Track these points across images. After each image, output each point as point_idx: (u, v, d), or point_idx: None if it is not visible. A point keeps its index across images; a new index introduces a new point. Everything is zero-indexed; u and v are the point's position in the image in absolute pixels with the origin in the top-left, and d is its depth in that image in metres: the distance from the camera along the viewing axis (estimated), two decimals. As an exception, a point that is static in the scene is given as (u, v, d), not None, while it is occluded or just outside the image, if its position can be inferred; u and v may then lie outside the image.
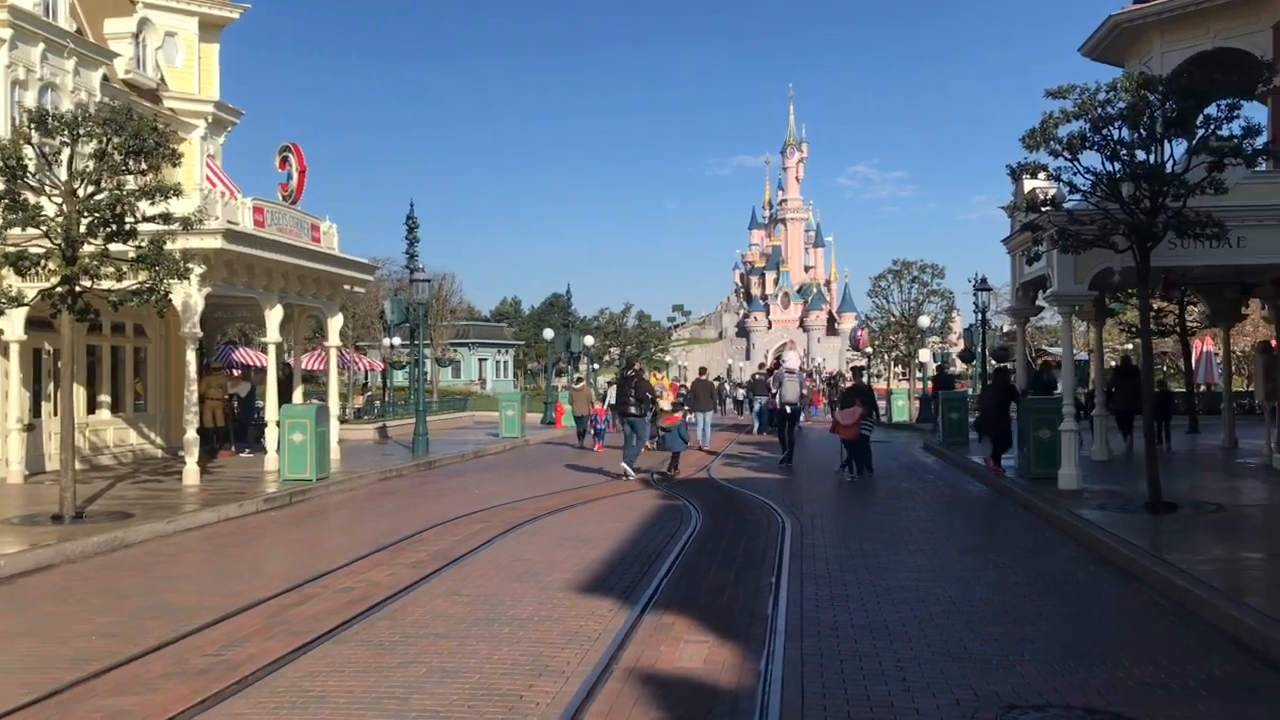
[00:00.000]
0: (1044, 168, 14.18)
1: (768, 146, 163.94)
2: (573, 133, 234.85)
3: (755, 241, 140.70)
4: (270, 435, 20.38)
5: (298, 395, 24.91)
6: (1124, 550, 11.00)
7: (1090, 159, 14.31)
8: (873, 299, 46.50)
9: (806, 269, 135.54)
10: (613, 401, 33.85)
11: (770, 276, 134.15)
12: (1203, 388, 42.63)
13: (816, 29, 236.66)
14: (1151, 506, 13.68)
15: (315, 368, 36.75)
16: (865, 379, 22.67)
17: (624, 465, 20.02)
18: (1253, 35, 18.44)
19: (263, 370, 25.68)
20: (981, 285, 31.05)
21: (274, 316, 20.76)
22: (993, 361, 34.65)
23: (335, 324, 24.25)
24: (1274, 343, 20.18)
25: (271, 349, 21.08)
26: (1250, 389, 49.25)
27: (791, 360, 24.81)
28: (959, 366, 60.05)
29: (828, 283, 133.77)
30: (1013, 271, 19.76)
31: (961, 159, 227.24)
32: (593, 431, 29.05)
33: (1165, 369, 51.87)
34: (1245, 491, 16.08)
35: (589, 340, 48.12)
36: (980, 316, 31.60)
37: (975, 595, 9.58)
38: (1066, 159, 13.94)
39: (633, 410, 20.69)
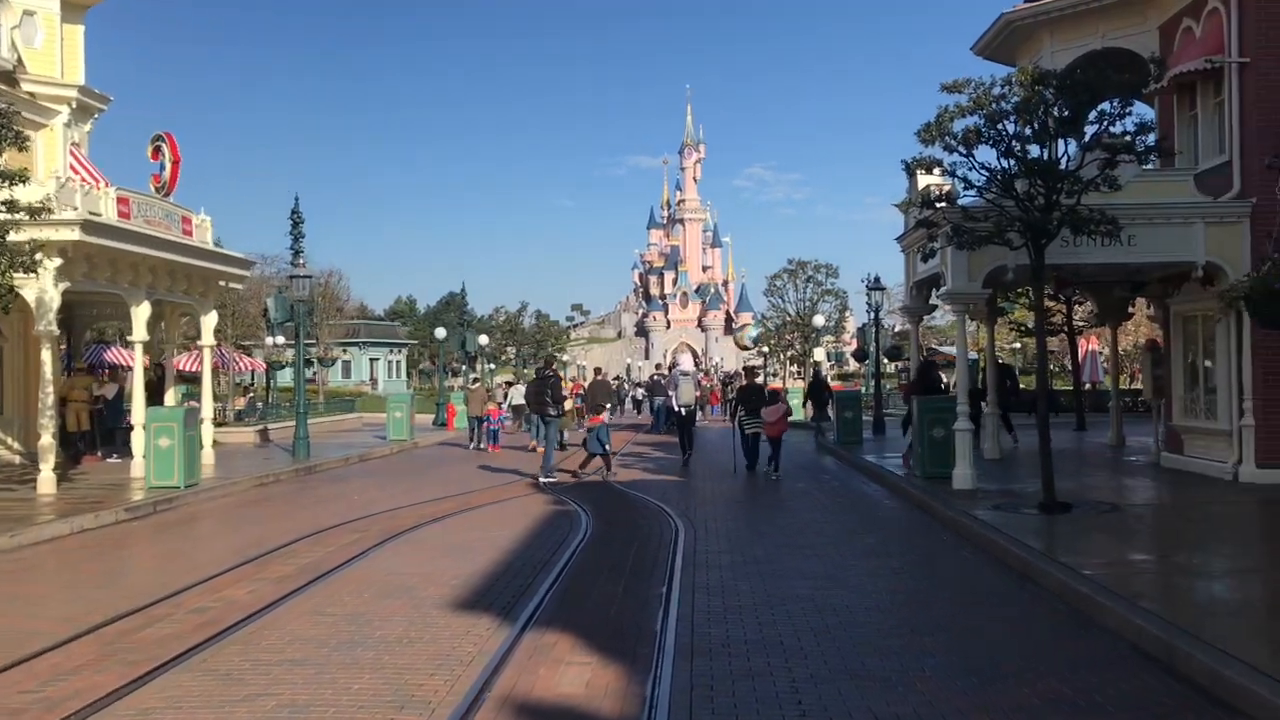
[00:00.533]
0: (939, 163, 13.93)
1: (665, 147, 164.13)
2: (470, 129, 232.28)
3: (654, 241, 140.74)
4: (136, 440, 19.19)
5: (171, 397, 23.66)
6: (1021, 553, 10.73)
7: (986, 155, 14.13)
8: (769, 298, 46.57)
9: (704, 269, 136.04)
10: (516, 402, 33.96)
11: (669, 276, 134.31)
12: (1088, 386, 43.56)
13: (714, 30, 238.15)
14: (1046, 507, 13.52)
15: (193, 368, 35.14)
16: (760, 379, 22.64)
17: (543, 468, 19.66)
18: (1140, 36, 18.54)
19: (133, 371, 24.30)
20: (874, 285, 31.06)
21: (141, 314, 19.57)
22: (886, 360, 34.77)
23: (209, 322, 23.04)
24: (1159, 342, 20.39)
25: (138, 348, 19.87)
26: (1134, 387, 50.64)
27: (685, 362, 25.22)
28: (852, 364, 60.68)
29: (725, 283, 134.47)
30: (907, 270, 19.60)
31: (855, 161, 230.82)
32: (486, 433, 28.60)
33: (1051, 368, 52.99)
34: (1136, 490, 16.09)
35: (483, 339, 47.14)
36: (873, 316, 31.61)
37: (873, 603, 9.17)
38: (961, 154, 13.72)
39: (551, 411, 20.40)
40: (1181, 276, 17.34)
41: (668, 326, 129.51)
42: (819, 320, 40.60)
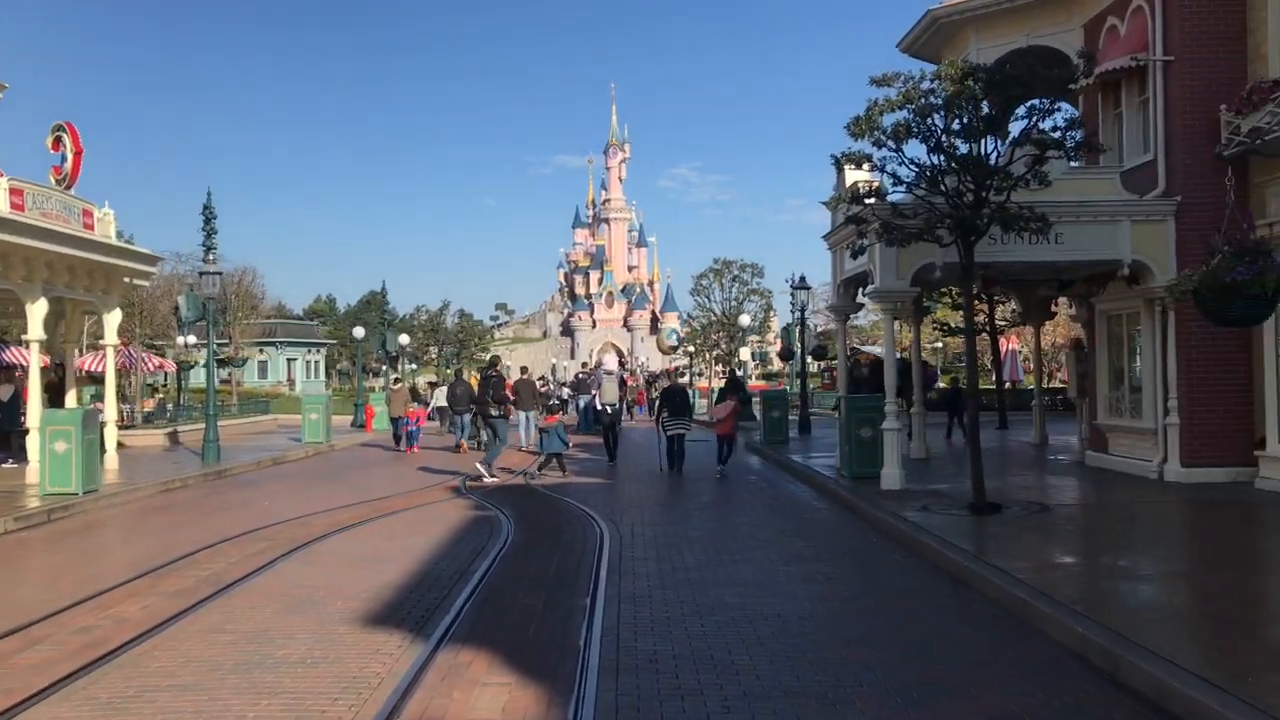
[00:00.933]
0: (868, 157, 13.65)
1: (591, 147, 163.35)
2: (392, 125, 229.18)
3: (579, 241, 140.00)
4: (32, 443, 18.20)
5: (73, 398, 22.61)
6: (955, 557, 10.45)
7: (916, 150, 13.92)
8: (695, 297, 46.31)
9: (630, 269, 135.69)
10: (441, 404, 32.93)
11: (594, 276, 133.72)
12: (1008, 385, 44.00)
13: (638, 32, 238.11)
14: (976, 507, 13.32)
15: (100, 368, 33.79)
16: (685, 380, 22.55)
17: (482, 468, 19.38)
18: (1065, 34, 18.52)
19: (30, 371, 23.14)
20: (800, 284, 30.90)
21: (37, 311, 18.56)
22: (812, 359, 34.69)
23: (112, 320, 22.01)
24: (1083, 340, 20.45)
25: (34, 347, 18.84)
26: (1053, 385, 51.33)
27: (609, 361, 24.99)
28: (777, 364, 60.78)
29: (651, 283, 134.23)
30: (834, 268, 19.37)
31: (778, 163, 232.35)
32: (405, 434, 28.14)
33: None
34: (1063, 490, 16.01)
35: (404, 339, 46.22)
36: (799, 315, 31.46)
37: (805, 611, 8.80)
38: (891, 149, 13.46)
39: (494, 412, 20.24)
40: (1107, 275, 17.34)
41: (593, 326, 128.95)
42: (745, 320, 40.35)
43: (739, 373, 34.06)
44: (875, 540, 12.53)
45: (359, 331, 41.75)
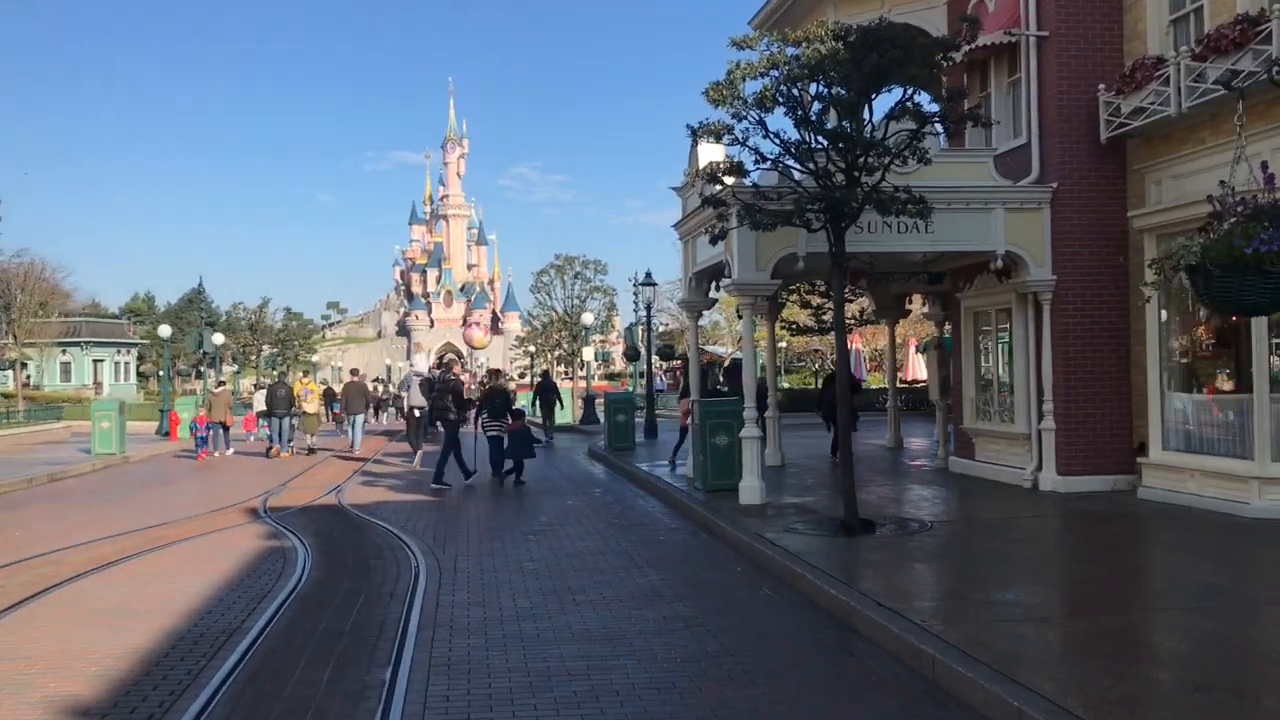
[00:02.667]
0: (729, 128, 11.94)
1: (429, 144, 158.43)
2: (222, 120, 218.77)
3: (416, 237, 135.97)
4: None
5: None
6: (838, 595, 8.77)
7: (781, 123, 12.32)
8: (535, 294, 44.24)
9: (469, 267, 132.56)
10: (259, 407, 30.50)
11: (432, 274, 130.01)
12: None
13: (479, 30, 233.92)
14: (848, 526, 11.78)
15: None
16: (508, 381, 21.23)
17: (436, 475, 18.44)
18: (928, 11, 17.25)
19: None
20: (646, 280, 29.25)
21: None
22: (659, 360, 33.12)
23: None
24: (944, 338, 19.35)
25: None
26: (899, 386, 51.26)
27: (419, 362, 24.30)
28: (619, 365, 59.24)
29: (491, 282, 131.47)
30: (685, 259, 17.69)
31: (620, 164, 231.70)
32: (209, 438, 26.87)
33: (814, 367, 53.14)
34: (934, 501, 14.69)
35: (219, 338, 42.70)
36: (645, 312, 29.80)
37: (667, 680, 6.95)
38: (753, 120, 11.79)
39: (450, 416, 19.30)
40: (975, 268, 16.15)
41: (431, 326, 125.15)
42: (588, 318, 38.54)
43: (549, 376, 33.12)
44: (740, 570, 10.81)
45: (165, 330, 38.21)
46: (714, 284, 17.77)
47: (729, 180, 12.41)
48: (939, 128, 13.09)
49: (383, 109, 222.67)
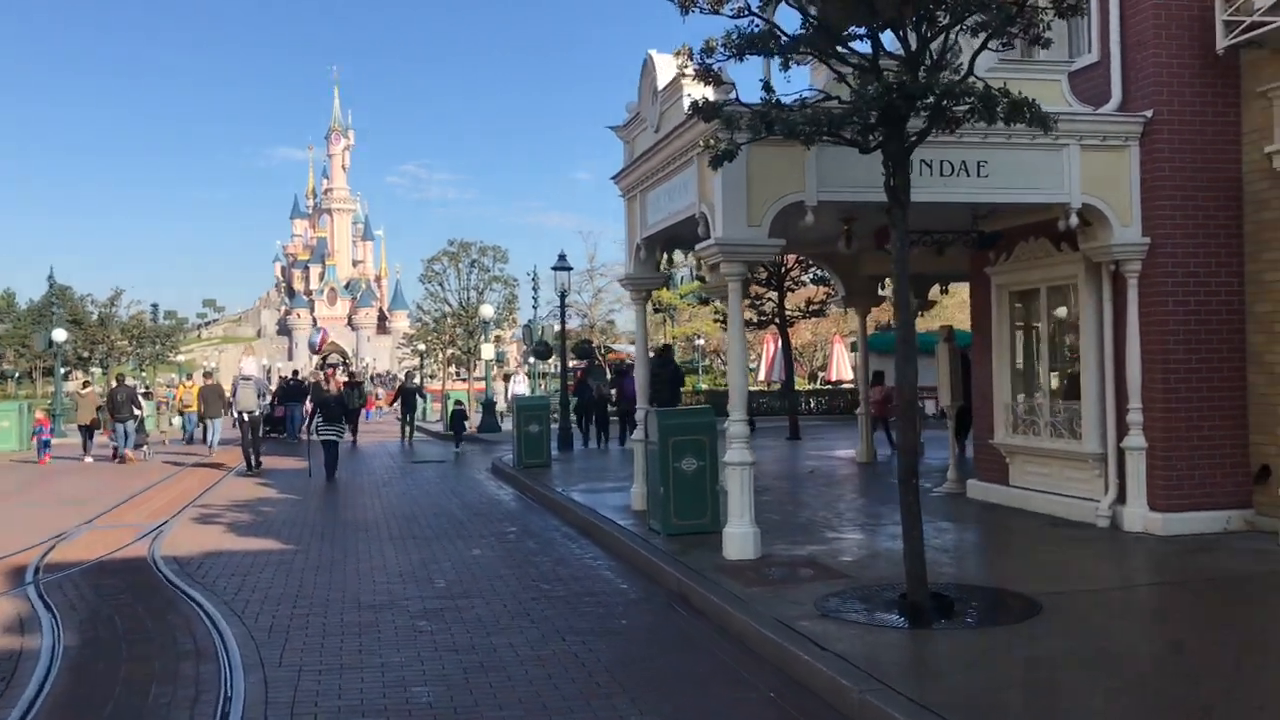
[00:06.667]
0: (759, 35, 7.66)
1: (313, 140, 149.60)
2: (89, 114, 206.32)
3: (298, 232, 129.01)
4: None
5: None
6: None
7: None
8: (426, 285, 39.32)
9: (355, 263, 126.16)
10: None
11: (315, 270, 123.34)
12: (776, 385, 39.59)
13: (366, 21, 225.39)
14: (916, 610, 7.60)
15: None
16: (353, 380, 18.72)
17: None
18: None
19: None
20: (560, 264, 24.86)
21: None
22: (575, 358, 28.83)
23: None
24: (954, 331, 15.42)
25: None
26: (819, 387, 47.67)
27: (249, 365, 23.19)
28: (514, 366, 54.58)
29: (379, 278, 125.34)
30: (630, 223, 13.36)
31: (510, 162, 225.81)
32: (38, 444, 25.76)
33: (750, 366, 49.15)
34: (995, 551, 10.69)
35: (59, 334, 36.96)
36: (560, 300, 25.39)
37: None
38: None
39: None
40: (1021, 231, 12.18)
41: (314, 324, 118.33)
42: (487, 311, 33.86)
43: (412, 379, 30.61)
44: (773, 695, 6.54)
45: (60, 335, 33.34)
46: (667, 255, 13.52)
47: (729, 106, 8.09)
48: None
49: (264, 104, 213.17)
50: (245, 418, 21.71)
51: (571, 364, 29.52)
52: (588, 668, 7.12)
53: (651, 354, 17.54)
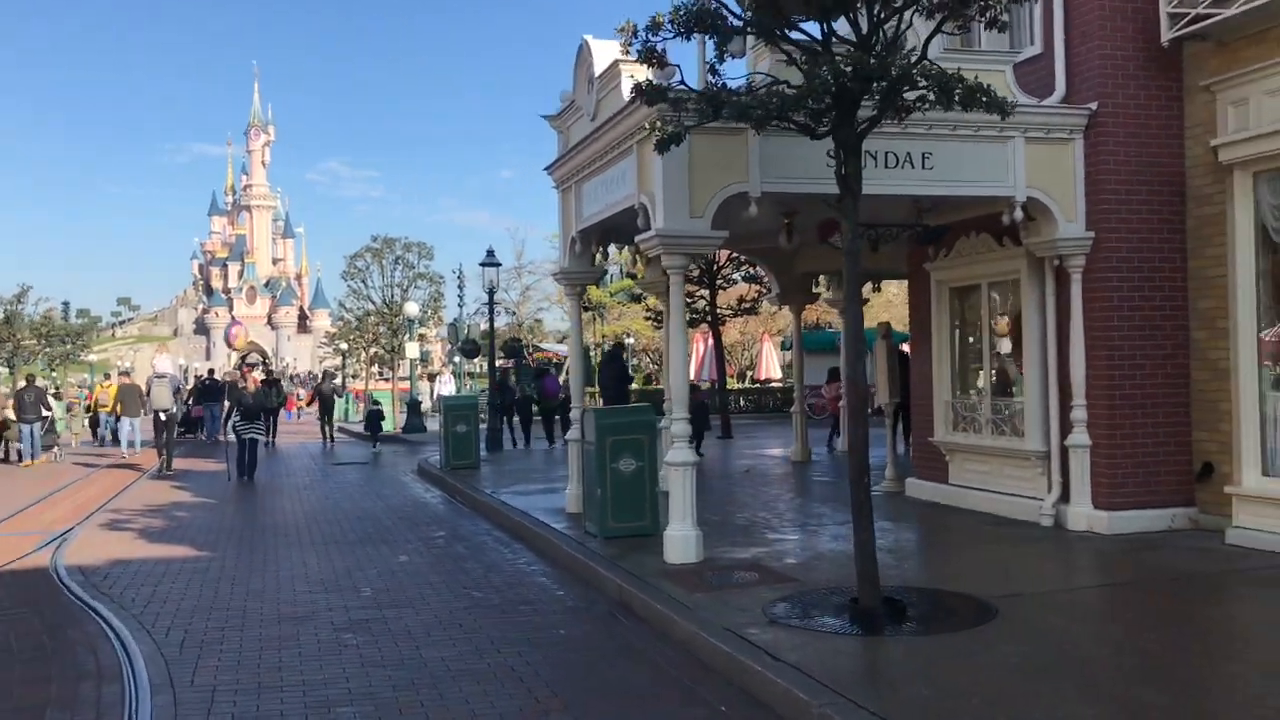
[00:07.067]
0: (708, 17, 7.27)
1: (232, 135, 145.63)
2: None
3: (217, 229, 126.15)
4: None
5: None
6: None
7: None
8: (348, 282, 38.34)
9: (275, 261, 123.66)
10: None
11: (234, 268, 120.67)
12: (706, 384, 39.35)
13: (285, 20, 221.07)
14: (868, 614, 7.32)
15: None
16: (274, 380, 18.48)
17: None
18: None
19: None
20: (489, 260, 24.29)
21: None
22: (503, 356, 28.27)
23: None
24: (891, 328, 15.23)
25: None
26: (747, 386, 47.45)
27: (162, 363, 22.90)
28: (438, 365, 53.66)
29: (299, 276, 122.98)
30: (564, 215, 12.92)
31: (431, 160, 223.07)
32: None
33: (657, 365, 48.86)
34: (937, 550, 10.48)
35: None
36: (488, 297, 24.81)
37: None
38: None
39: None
40: (962, 226, 11.99)
41: (233, 323, 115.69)
42: (412, 309, 33.09)
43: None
44: (725, 710, 6.16)
45: None
46: (602, 249, 13.13)
47: (673, 89, 7.70)
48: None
49: (182, 99, 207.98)
50: (162, 417, 21.21)
51: (499, 363, 28.95)
52: (526, 682, 6.69)
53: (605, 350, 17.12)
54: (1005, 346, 12.00)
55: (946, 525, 11.53)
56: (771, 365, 45.09)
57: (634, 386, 46.95)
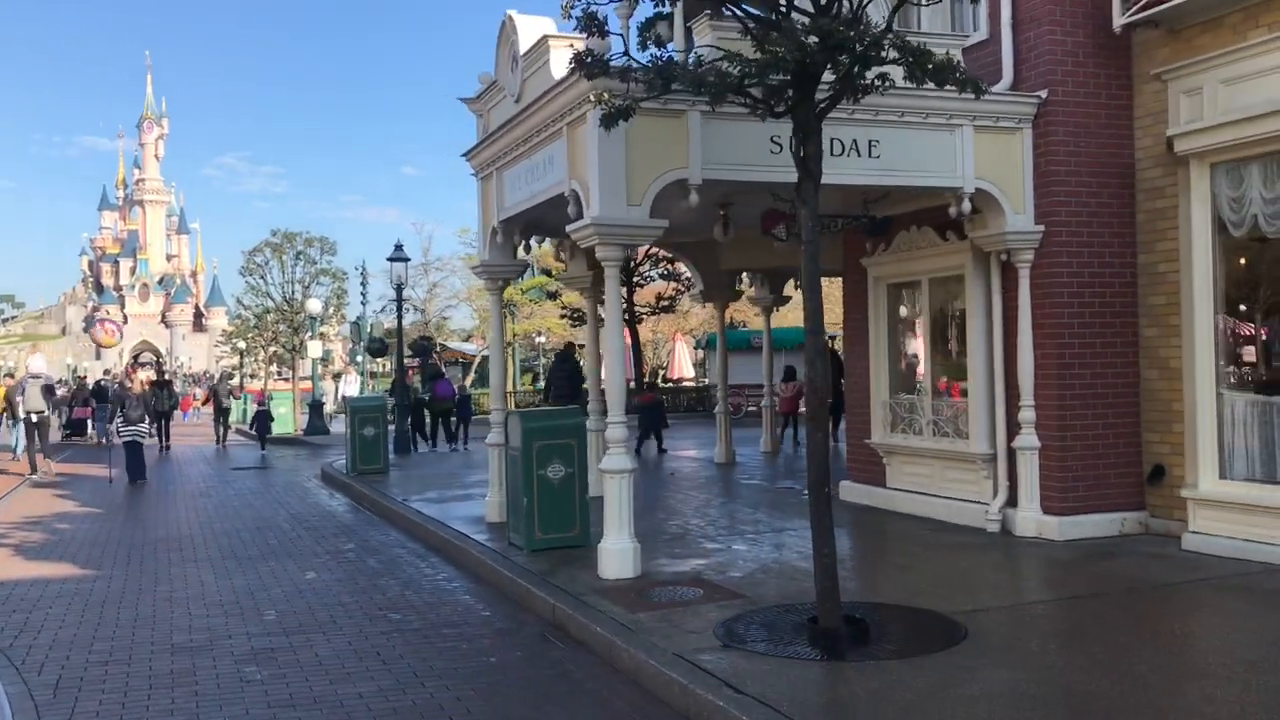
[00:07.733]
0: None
1: (124, 128, 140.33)
2: None
3: (108, 225, 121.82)
4: None
5: None
6: None
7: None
8: (247, 278, 36.81)
9: (169, 258, 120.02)
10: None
11: (126, 265, 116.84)
12: (631, 384, 38.70)
13: (181, 13, 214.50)
14: (830, 636, 6.75)
15: None
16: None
17: None
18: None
19: None
20: (397, 254, 23.26)
21: None
22: (411, 354, 27.23)
23: None
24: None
25: None
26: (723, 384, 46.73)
27: (36, 363, 22.37)
28: (340, 364, 52.10)
29: (194, 273, 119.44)
30: (485, 204, 12.11)
31: (331, 156, 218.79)
32: None
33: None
34: (885, 558, 9.95)
35: None
36: (396, 293, 23.78)
37: None
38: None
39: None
40: (903, 220, 11.51)
41: (125, 321, 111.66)
42: (314, 305, 31.79)
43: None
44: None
45: None
46: (525, 241, 12.35)
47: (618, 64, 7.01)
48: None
49: (71, 89, 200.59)
50: (33, 419, 20.02)
51: (407, 362, 27.89)
52: (404, 687, 5.92)
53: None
54: (954, 345, 11.53)
55: (888, 532, 11.01)
56: (684, 364, 44.66)
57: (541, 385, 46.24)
